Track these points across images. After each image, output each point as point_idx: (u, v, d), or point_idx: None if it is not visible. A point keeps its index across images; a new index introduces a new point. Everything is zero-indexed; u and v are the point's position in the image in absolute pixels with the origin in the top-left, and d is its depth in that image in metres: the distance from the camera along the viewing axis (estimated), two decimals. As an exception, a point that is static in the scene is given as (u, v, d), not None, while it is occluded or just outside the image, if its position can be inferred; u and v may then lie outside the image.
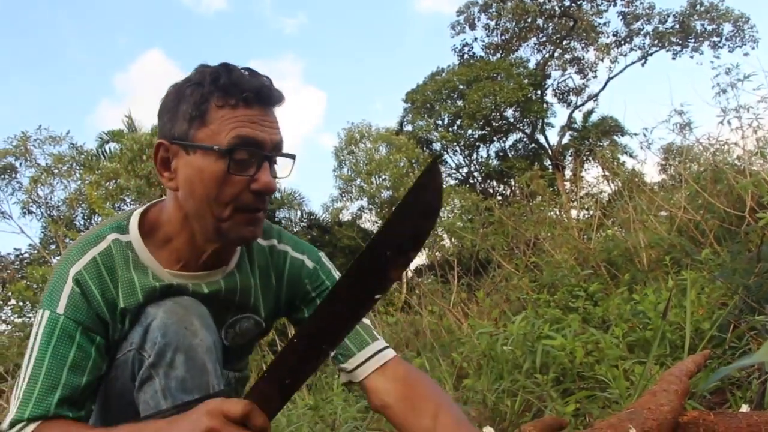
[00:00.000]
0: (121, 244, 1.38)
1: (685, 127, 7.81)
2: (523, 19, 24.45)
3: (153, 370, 1.28)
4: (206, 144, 1.27)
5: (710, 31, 23.39)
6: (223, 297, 1.47)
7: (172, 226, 1.39)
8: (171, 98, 1.34)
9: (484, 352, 3.53)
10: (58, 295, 1.29)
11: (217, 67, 1.31)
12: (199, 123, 1.28)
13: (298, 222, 20.56)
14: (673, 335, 3.03)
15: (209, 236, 1.36)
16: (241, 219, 1.32)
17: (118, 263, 1.36)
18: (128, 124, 17.87)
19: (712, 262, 4.20)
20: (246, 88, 1.28)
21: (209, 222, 1.32)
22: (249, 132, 1.27)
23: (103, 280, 1.33)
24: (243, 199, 1.31)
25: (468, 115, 23.20)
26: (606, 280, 5.07)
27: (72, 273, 1.31)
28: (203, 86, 1.28)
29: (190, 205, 1.33)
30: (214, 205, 1.30)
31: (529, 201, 9.67)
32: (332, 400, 4.08)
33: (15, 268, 15.86)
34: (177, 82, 1.36)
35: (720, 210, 5.17)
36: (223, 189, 1.29)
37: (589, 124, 25.40)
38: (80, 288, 1.30)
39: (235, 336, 1.54)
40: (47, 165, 17.52)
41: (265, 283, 1.56)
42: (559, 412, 2.58)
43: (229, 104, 1.27)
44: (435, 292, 7.54)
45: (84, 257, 1.33)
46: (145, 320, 1.33)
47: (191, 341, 1.30)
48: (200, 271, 1.43)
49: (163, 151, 1.34)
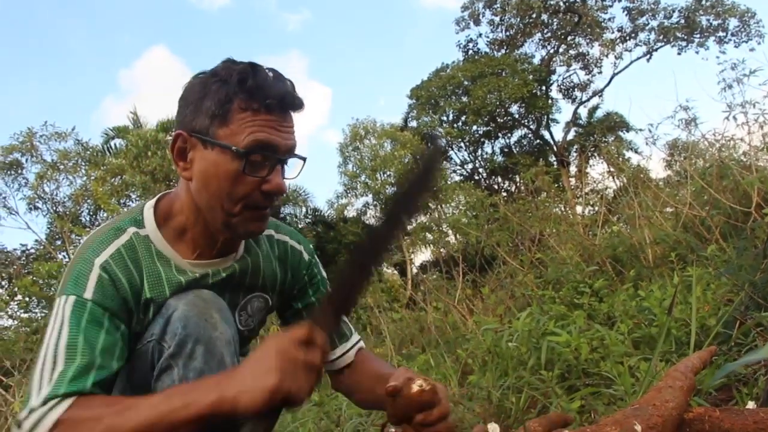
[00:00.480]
0: (141, 238, 1.41)
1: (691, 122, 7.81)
2: (527, 14, 24.39)
3: (172, 360, 1.31)
4: (225, 143, 1.32)
5: (716, 26, 23.29)
6: (238, 279, 1.53)
7: (185, 217, 1.43)
8: (196, 90, 1.36)
9: (489, 349, 3.53)
10: (84, 281, 1.29)
11: (245, 66, 1.34)
12: (220, 122, 1.32)
13: (303, 218, 20.59)
14: (678, 332, 3.03)
15: (218, 227, 1.40)
16: (249, 215, 1.38)
17: (142, 255, 1.39)
18: (133, 120, 17.93)
19: (718, 258, 4.19)
20: (270, 94, 1.32)
21: (219, 215, 1.37)
22: (266, 137, 1.32)
23: (129, 270, 1.35)
24: (254, 198, 1.36)
25: (473, 111, 23.16)
26: (611, 276, 5.06)
27: (98, 262, 1.32)
28: (229, 85, 1.32)
29: (202, 198, 1.38)
30: (226, 200, 1.35)
31: (534, 197, 9.66)
32: (337, 397, 4.08)
33: (21, 263, 15.94)
34: (203, 72, 1.39)
35: (726, 206, 5.15)
36: (236, 187, 1.34)
37: (594, 120, 25.35)
38: (108, 275, 1.32)
39: (247, 318, 1.60)
40: (53, 161, 17.61)
41: (269, 266, 1.62)
42: (565, 408, 2.58)
43: (252, 108, 1.31)
44: (440, 288, 7.54)
45: (108, 248, 1.35)
46: (167, 312, 1.35)
47: (211, 334, 1.33)
48: (215, 258, 1.48)
49: (182, 142, 1.38)
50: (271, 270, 1.62)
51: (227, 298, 1.49)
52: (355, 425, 3.33)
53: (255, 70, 1.34)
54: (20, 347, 6.92)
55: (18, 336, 7.94)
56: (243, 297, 1.57)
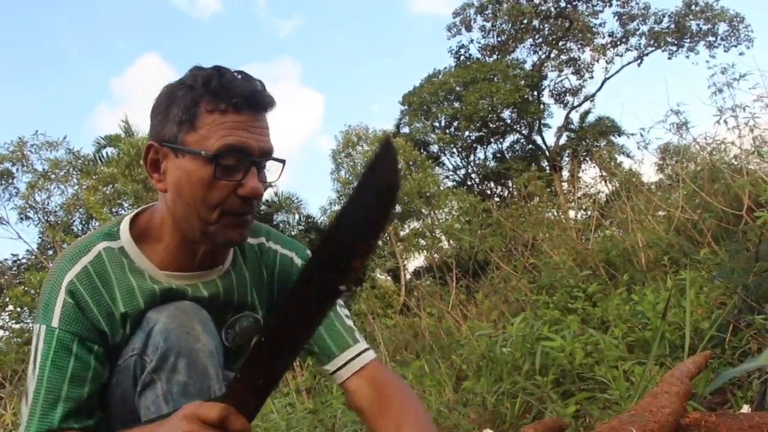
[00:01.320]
0: (113, 251, 1.38)
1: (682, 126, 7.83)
2: (519, 20, 24.47)
3: (155, 375, 1.28)
4: (194, 148, 1.28)
5: (705, 30, 23.41)
6: (223, 298, 1.47)
7: (163, 228, 1.40)
8: (163, 100, 1.34)
9: (484, 354, 3.52)
10: (51, 308, 1.29)
11: (210, 71, 1.31)
12: (188, 127, 1.29)
13: (295, 225, 20.53)
14: (672, 335, 3.03)
15: (197, 238, 1.36)
16: (228, 222, 1.33)
17: (112, 270, 1.36)
18: (125, 128, 17.85)
19: (711, 261, 4.20)
20: (236, 93, 1.28)
21: (196, 225, 1.33)
22: (237, 139, 1.28)
23: (96, 289, 1.32)
24: (230, 203, 1.31)
25: (465, 117, 23.20)
26: (605, 280, 5.07)
27: (64, 284, 1.30)
28: (194, 89, 1.29)
29: (178, 207, 1.34)
30: (202, 208, 1.31)
31: (527, 202, 9.66)
32: (332, 404, 4.07)
33: (12, 273, 15.84)
34: (171, 83, 1.36)
35: (717, 209, 5.17)
36: (210, 193, 1.29)
37: (585, 125, 25.41)
38: (73, 298, 1.30)
39: (235, 336, 1.55)
40: (44, 170, 17.51)
41: (258, 280, 1.57)
42: (560, 413, 2.57)
43: (219, 109, 1.28)
44: (433, 294, 7.55)
45: (75, 267, 1.33)
46: (147, 325, 1.32)
47: (193, 346, 1.30)
48: (196, 271, 1.44)
49: (153, 153, 1.35)
50: (260, 285, 1.57)
51: (213, 316, 1.42)
52: (349, 433, 3.32)
53: (220, 72, 1.31)
54: (12, 358, 6.88)
55: (9, 347, 7.89)
56: (232, 316, 1.53)
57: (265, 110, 1.35)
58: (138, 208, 1.51)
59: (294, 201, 20.16)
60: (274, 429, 3.91)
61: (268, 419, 4.11)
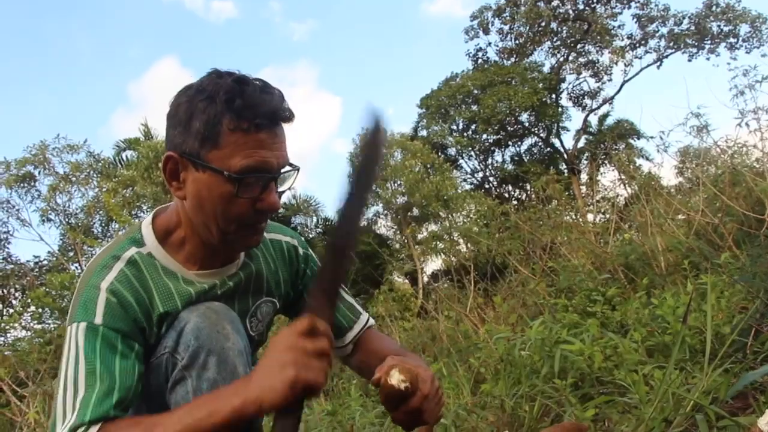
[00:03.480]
0: (144, 256, 1.41)
1: (702, 129, 7.77)
2: (536, 23, 24.41)
3: (186, 372, 1.32)
4: (217, 167, 1.30)
5: (726, 32, 23.21)
6: (245, 287, 1.55)
7: (183, 231, 1.44)
8: (183, 110, 1.34)
9: (502, 357, 3.52)
10: (93, 306, 1.31)
11: (232, 84, 1.31)
12: (211, 145, 1.30)
13: (313, 228, 20.61)
14: (692, 340, 3.01)
15: (216, 244, 1.42)
16: (245, 233, 1.41)
17: (148, 273, 1.40)
18: (144, 132, 18.03)
19: (732, 265, 4.15)
20: (260, 113, 1.30)
21: (215, 234, 1.39)
22: (259, 159, 1.31)
23: (136, 290, 1.36)
24: (248, 217, 1.37)
25: (483, 120, 23.17)
26: (624, 284, 5.03)
27: (104, 286, 1.33)
28: (216, 104, 1.29)
29: (198, 217, 1.38)
30: (221, 220, 1.36)
31: (545, 205, 9.61)
32: (350, 406, 4.08)
33: (34, 275, 16.05)
34: (188, 88, 1.37)
35: (739, 213, 5.12)
36: (230, 208, 1.34)
37: (604, 128, 25.29)
38: (116, 298, 1.32)
39: (257, 323, 1.62)
40: (65, 173, 17.74)
41: (271, 269, 1.64)
42: (579, 417, 2.56)
43: (242, 128, 1.29)
44: (451, 297, 7.52)
45: (112, 271, 1.36)
46: (179, 324, 1.36)
47: (224, 344, 1.34)
48: (219, 267, 1.50)
49: (173, 164, 1.37)
50: (273, 272, 1.64)
51: (237, 306, 1.52)
52: (367, 435, 3.32)
53: (242, 86, 1.31)
54: (34, 358, 6.96)
55: (32, 347, 7.97)
56: (252, 303, 1.59)
57: (286, 123, 1.38)
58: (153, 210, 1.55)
59: (312, 204, 20.28)
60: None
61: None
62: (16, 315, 9.92)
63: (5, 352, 8.41)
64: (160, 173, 1.47)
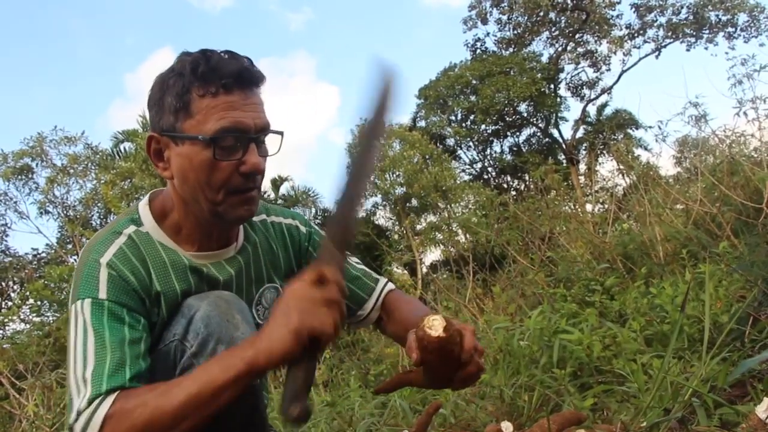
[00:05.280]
0: (142, 234, 1.44)
1: (701, 119, 7.78)
2: (535, 13, 24.32)
3: (195, 360, 1.33)
4: (192, 134, 1.34)
5: (725, 21, 23.13)
6: (245, 273, 1.56)
7: (177, 213, 1.47)
8: (156, 90, 1.40)
9: (501, 348, 3.52)
10: (95, 282, 1.32)
11: (196, 54, 1.36)
12: (184, 115, 1.35)
13: (312, 219, 20.60)
14: (691, 328, 3.02)
15: (208, 218, 1.43)
16: (235, 200, 1.40)
17: (146, 250, 1.42)
18: (142, 123, 17.96)
19: (730, 255, 4.16)
20: (224, 73, 1.33)
21: (205, 206, 1.40)
22: (232, 120, 1.33)
23: (134, 265, 1.37)
24: (233, 182, 1.38)
25: (481, 111, 23.13)
26: (622, 274, 5.04)
27: (104, 261, 1.35)
28: (184, 76, 1.34)
29: (185, 192, 1.41)
30: (207, 190, 1.37)
31: (544, 196, 9.61)
32: (349, 396, 4.10)
33: (33, 267, 16.05)
34: (161, 72, 1.41)
35: (737, 202, 5.12)
36: (213, 175, 1.36)
37: (603, 118, 25.25)
38: (116, 272, 1.34)
39: (264, 311, 1.62)
40: (63, 165, 17.69)
41: (270, 253, 1.66)
42: (578, 406, 2.57)
43: (210, 92, 1.33)
44: (450, 287, 7.53)
45: (110, 248, 1.38)
46: (189, 312, 1.37)
47: (233, 333, 1.35)
48: (215, 250, 1.51)
49: (155, 144, 1.42)
50: (273, 256, 1.66)
51: (244, 291, 1.55)
52: (367, 425, 3.33)
53: (206, 55, 1.35)
54: (33, 350, 6.96)
55: (31, 339, 7.97)
56: (256, 291, 1.60)
57: (256, 86, 1.41)
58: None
59: (310, 195, 20.24)
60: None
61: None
62: (14, 308, 9.90)
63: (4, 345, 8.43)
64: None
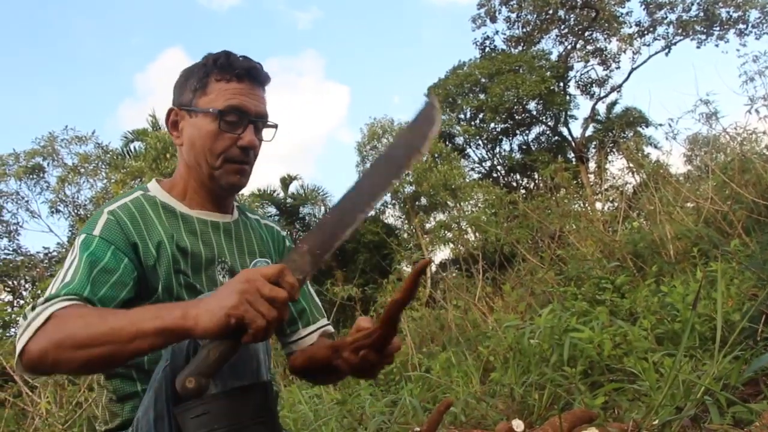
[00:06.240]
0: (148, 197, 1.68)
1: (712, 116, 7.73)
2: (544, 10, 24.26)
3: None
4: (204, 108, 1.63)
5: (736, 18, 22.99)
6: (238, 242, 1.77)
7: (182, 179, 1.72)
8: (182, 75, 1.72)
9: (511, 346, 3.53)
10: (94, 224, 1.55)
11: (220, 53, 1.68)
12: (201, 93, 1.65)
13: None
14: (702, 327, 3.01)
15: (206, 180, 1.68)
16: (230, 168, 1.66)
17: (149, 207, 1.65)
18: (152, 122, 18.03)
19: (741, 252, 4.14)
20: (238, 66, 1.64)
21: (205, 169, 1.66)
22: (238, 101, 1.63)
23: (133, 217, 1.60)
24: (231, 152, 1.65)
25: (490, 109, 23.09)
26: (633, 272, 5.03)
27: (107, 210, 1.59)
28: (206, 66, 1.66)
29: (191, 156, 1.67)
30: (209, 155, 1.64)
31: (553, 194, 9.59)
32: (359, 395, 4.10)
33: (44, 266, 16.12)
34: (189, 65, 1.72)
35: (748, 200, 5.10)
36: (216, 143, 1.63)
37: (612, 116, 25.14)
38: (114, 217, 1.57)
39: None
40: (74, 164, 17.78)
41: (260, 238, 1.86)
42: (588, 404, 2.57)
43: (225, 78, 1.64)
44: (460, 286, 7.54)
45: (117, 203, 1.63)
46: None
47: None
48: (215, 212, 1.74)
49: (173, 115, 1.72)
50: (262, 241, 1.85)
51: (237, 259, 1.73)
52: (378, 423, 3.34)
53: (227, 53, 1.67)
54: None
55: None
56: (250, 261, 1.78)
57: (263, 84, 1.70)
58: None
59: (319, 194, 20.29)
60: (302, 419, 3.94)
61: (296, 410, 4.15)
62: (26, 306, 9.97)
63: (17, 343, 8.47)
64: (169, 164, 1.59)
